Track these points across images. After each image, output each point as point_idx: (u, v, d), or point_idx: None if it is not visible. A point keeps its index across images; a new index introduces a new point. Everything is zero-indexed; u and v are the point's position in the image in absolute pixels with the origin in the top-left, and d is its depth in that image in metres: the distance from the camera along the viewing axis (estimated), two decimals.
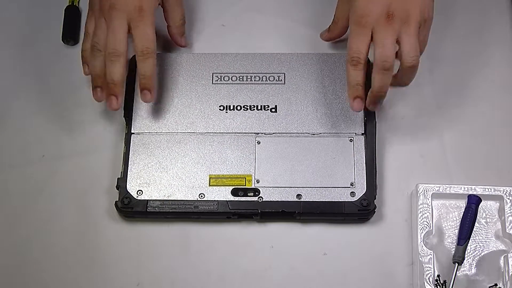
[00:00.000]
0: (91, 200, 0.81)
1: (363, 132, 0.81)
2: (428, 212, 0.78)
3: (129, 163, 0.80)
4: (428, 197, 0.78)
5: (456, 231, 0.78)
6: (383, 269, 0.78)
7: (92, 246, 0.79)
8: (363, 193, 0.78)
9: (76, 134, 0.84)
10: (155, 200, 0.78)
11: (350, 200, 0.78)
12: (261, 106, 0.82)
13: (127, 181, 0.79)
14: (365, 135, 0.81)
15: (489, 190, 0.79)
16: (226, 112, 0.82)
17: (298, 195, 0.78)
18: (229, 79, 0.84)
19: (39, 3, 0.92)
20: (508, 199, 0.78)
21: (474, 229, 0.77)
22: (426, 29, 0.78)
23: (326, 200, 0.78)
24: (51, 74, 0.87)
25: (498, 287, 0.76)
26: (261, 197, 0.78)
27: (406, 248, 0.78)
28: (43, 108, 0.86)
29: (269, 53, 0.85)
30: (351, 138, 0.81)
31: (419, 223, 0.77)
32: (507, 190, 0.79)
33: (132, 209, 0.78)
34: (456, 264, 0.75)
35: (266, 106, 0.82)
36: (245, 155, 0.80)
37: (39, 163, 0.83)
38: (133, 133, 0.81)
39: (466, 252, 0.76)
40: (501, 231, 0.78)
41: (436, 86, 0.86)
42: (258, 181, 0.79)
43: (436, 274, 0.76)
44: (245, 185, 0.79)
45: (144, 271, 0.78)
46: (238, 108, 0.82)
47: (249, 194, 0.78)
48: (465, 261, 0.76)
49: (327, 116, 0.82)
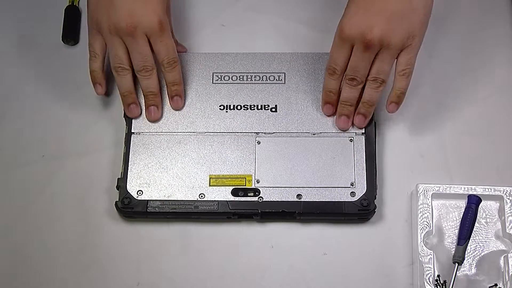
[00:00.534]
0: (91, 200, 0.81)
1: (363, 132, 0.81)
2: (428, 212, 0.78)
3: (129, 163, 0.80)
4: (428, 197, 0.78)
5: (456, 231, 0.78)
6: (383, 269, 0.78)
7: (92, 246, 0.79)
8: (363, 193, 0.78)
9: (76, 134, 0.84)
10: (155, 200, 0.78)
11: (350, 200, 0.78)
12: (261, 106, 0.82)
13: (127, 181, 0.79)
14: (365, 135, 0.81)
15: (489, 190, 0.79)
16: (227, 112, 0.82)
17: (298, 195, 0.78)
18: (229, 79, 0.84)
19: (39, 3, 0.92)
20: (508, 199, 0.78)
21: (474, 229, 0.77)
22: (408, 54, 0.76)
23: (326, 200, 0.78)
24: (51, 74, 0.87)
25: (498, 287, 0.76)
26: (261, 197, 0.78)
27: (406, 248, 0.78)
28: (43, 108, 0.86)
29: (269, 53, 0.85)
30: (351, 138, 0.81)
31: (419, 223, 0.77)
32: (507, 190, 0.79)
33: (132, 209, 0.78)
34: (456, 264, 0.75)
35: (266, 106, 0.82)
36: (245, 155, 0.80)
37: (39, 163, 0.83)
38: (133, 133, 0.81)
39: (466, 252, 0.76)
40: (501, 231, 0.78)
41: (436, 86, 0.86)
42: (258, 181, 0.79)
43: (436, 274, 0.76)
44: (245, 185, 0.79)
45: (144, 271, 0.78)
46: (238, 108, 0.82)
47: (249, 194, 0.78)
48: (465, 261, 0.76)
49: (327, 116, 0.82)
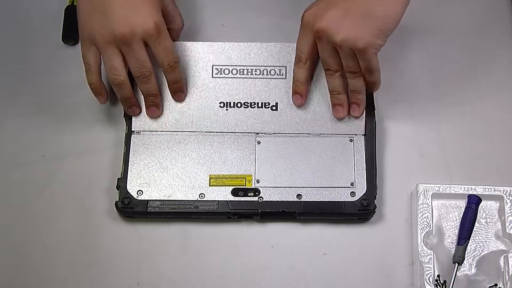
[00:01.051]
0: (91, 200, 0.81)
1: (363, 132, 0.81)
2: (428, 212, 0.78)
3: (129, 163, 0.80)
4: (428, 197, 0.78)
5: (456, 231, 0.78)
6: (383, 269, 0.78)
7: (92, 246, 0.79)
8: (363, 193, 0.78)
9: (76, 134, 0.84)
10: (155, 200, 0.78)
11: (350, 200, 0.78)
12: (262, 104, 0.82)
13: (127, 181, 0.79)
14: (365, 135, 0.81)
15: (489, 190, 0.79)
16: (227, 110, 0.82)
17: (298, 195, 0.78)
18: (229, 72, 0.83)
19: (39, 3, 0.92)
20: (508, 199, 0.78)
21: (474, 229, 0.77)
22: (364, 58, 0.75)
23: (326, 200, 0.78)
24: (51, 74, 0.87)
25: (498, 287, 0.76)
26: (261, 197, 0.78)
27: (406, 248, 0.78)
28: (43, 108, 0.85)
29: (271, 43, 0.84)
30: (351, 138, 0.81)
31: (419, 223, 0.77)
32: (507, 190, 0.79)
33: (132, 209, 0.78)
34: (456, 264, 0.75)
35: (267, 104, 0.82)
36: (245, 155, 0.80)
37: (39, 163, 0.83)
38: (133, 132, 0.81)
39: (466, 252, 0.76)
40: (501, 231, 0.78)
41: (436, 86, 0.86)
42: (258, 181, 0.79)
43: (436, 274, 0.76)
44: (245, 185, 0.79)
45: (144, 271, 0.78)
46: (239, 106, 0.82)
47: (249, 194, 0.78)
48: (465, 261, 0.76)
49: (328, 116, 0.82)
